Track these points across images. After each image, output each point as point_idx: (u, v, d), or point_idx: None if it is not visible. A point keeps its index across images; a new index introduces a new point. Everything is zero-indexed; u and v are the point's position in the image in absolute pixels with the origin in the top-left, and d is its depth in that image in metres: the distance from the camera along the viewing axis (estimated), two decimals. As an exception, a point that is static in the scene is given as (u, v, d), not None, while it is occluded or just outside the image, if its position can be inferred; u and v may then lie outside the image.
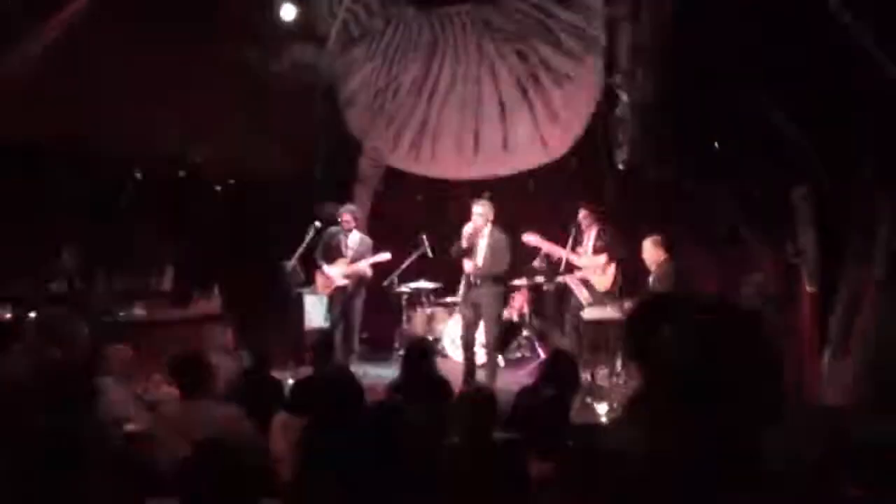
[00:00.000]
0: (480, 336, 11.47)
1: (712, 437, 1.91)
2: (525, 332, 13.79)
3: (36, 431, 3.21)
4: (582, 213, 12.21)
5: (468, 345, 11.36)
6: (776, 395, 1.90)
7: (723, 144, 9.36)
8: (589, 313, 11.53)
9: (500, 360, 12.30)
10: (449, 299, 13.57)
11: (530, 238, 11.85)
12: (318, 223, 12.26)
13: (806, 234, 8.43)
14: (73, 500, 2.91)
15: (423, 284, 13.72)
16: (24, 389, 6.04)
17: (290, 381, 8.40)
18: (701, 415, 1.92)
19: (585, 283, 11.99)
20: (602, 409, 8.90)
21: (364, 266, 11.98)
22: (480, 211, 11.09)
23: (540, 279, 13.23)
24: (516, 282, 13.24)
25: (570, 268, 12.23)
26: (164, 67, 11.51)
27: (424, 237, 13.31)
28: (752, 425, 1.87)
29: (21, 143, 9.99)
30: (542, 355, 12.85)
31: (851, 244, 7.49)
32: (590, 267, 11.96)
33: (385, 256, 12.19)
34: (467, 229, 11.11)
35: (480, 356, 11.60)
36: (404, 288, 13.78)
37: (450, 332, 13.21)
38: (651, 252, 10.83)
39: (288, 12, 13.13)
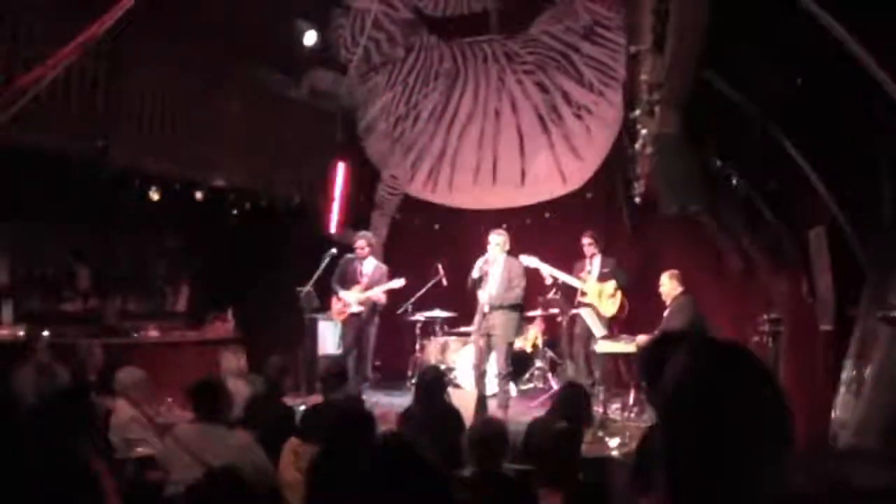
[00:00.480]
0: (493, 366, 11.47)
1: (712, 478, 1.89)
2: (538, 363, 13.77)
3: (41, 453, 3.19)
4: (586, 241, 12.26)
5: (480, 375, 11.35)
6: (780, 441, 1.88)
7: (740, 181, 9.36)
8: (602, 346, 11.53)
9: (513, 390, 12.28)
10: (463, 329, 13.55)
11: (528, 260, 11.84)
12: (333, 250, 12.29)
13: (821, 273, 8.40)
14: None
15: (438, 313, 13.69)
16: (31, 409, 6.07)
17: (302, 408, 8.39)
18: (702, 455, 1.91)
19: (595, 311, 12.01)
20: (614, 443, 8.88)
21: (378, 293, 11.96)
22: (497, 241, 11.09)
23: (554, 310, 13.23)
24: (531, 313, 13.23)
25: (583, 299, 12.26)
26: (185, 88, 11.61)
27: (440, 266, 13.30)
28: (754, 467, 1.86)
29: (41, 155, 10.01)
30: (555, 386, 12.83)
31: (867, 285, 7.46)
32: (595, 292, 11.99)
33: (399, 283, 12.16)
34: (480, 262, 11.12)
35: (492, 386, 11.60)
36: (419, 316, 13.75)
37: (463, 362, 13.18)
38: (668, 285, 10.83)
39: (310, 38, 13.19)
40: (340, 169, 13.98)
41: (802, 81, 6.93)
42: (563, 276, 12.19)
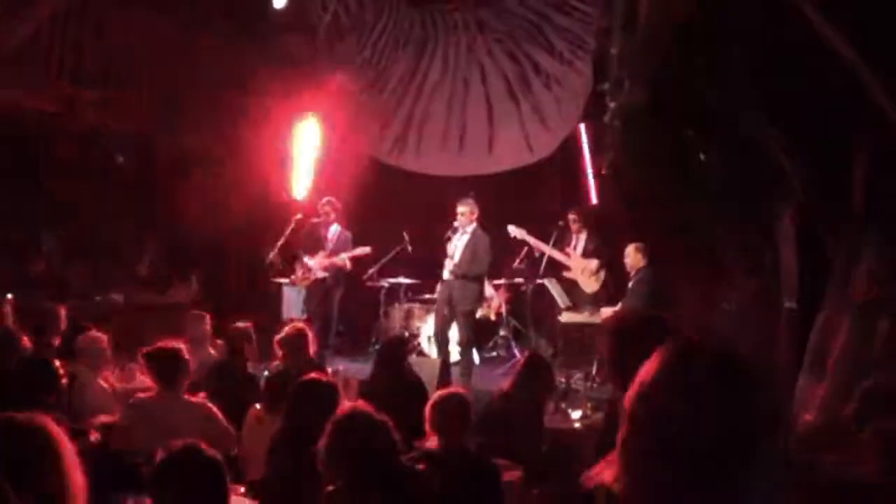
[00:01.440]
0: (455, 335, 11.52)
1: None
2: (502, 332, 13.81)
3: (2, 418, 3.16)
4: (571, 217, 12.35)
5: (443, 342, 11.40)
6: (774, 449, 1.86)
7: (707, 156, 9.38)
8: (566, 317, 11.58)
9: (476, 357, 12.32)
10: (427, 296, 13.57)
11: (516, 231, 11.88)
12: (298, 214, 12.25)
13: (786, 251, 8.46)
14: (41, 498, 2.88)
15: (402, 280, 13.67)
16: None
17: (266, 374, 8.38)
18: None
19: (573, 285, 12.08)
20: (576, 414, 8.93)
21: (343, 259, 11.93)
22: (464, 210, 11.10)
23: (519, 280, 13.26)
24: (495, 282, 13.26)
25: (554, 269, 12.32)
26: (151, 50, 11.49)
27: (405, 233, 13.27)
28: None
29: (4, 115, 9.89)
30: (518, 355, 12.87)
31: (833, 264, 7.52)
32: (579, 269, 12.06)
33: (365, 250, 12.13)
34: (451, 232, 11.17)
35: (456, 354, 11.64)
36: (383, 282, 13.74)
37: (427, 329, 13.20)
38: (632, 257, 10.89)
39: (279, 2, 13.06)
40: (305, 132, 13.85)
41: (776, 62, 6.95)
42: (548, 250, 12.22)
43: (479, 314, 12.34)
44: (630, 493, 1.89)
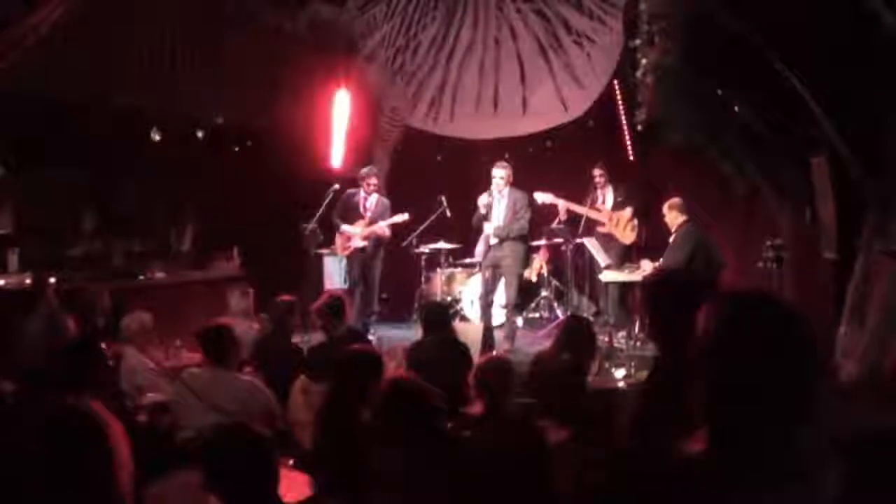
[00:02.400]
0: (501, 298, 11.54)
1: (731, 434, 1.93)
2: (544, 293, 13.83)
3: (49, 406, 3.23)
4: (597, 172, 12.42)
5: (487, 306, 11.43)
6: (809, 396, 1.92)
7: (743, 111, 9.32)
8: (606, 276, 11.58)
9: (519, 320, 12.35)
10: (468, 260, 13.61)
11: (543, 196, 11.87)
12: (336, 185, 12.28)
13: (824, 202, 8.41)
14: (87, 479, 2.94)
15: (442, 245, 13.68)
16: (40, 360, 6.12)
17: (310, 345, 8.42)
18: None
19: (610, 238, 12.11)
20: (620, 374, 8.93)
21: (383, 227, 11.96)
22: (501, 174, 11.10)
23: (559, 240, 13.25)
24: (535, 243, 13.26)
25: (590, 228, 12.32)
26: (182, 27, 11.51)
27: (443, 198, 13.27)
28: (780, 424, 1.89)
29: (43, 99, 9.94)
30: (560, 316, 12.90)
31: (870, 215, 7.47)
32: (613, 220, 12.08)
33: (403, 217, 12.14)
34: (484, 197, 11.14)
35: (498, 317, 11.67)
36: (423, 248, 13.77)
37: (468, 294, 13.24)
38: (669, 215, 10.81)
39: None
40: (341, 102, 13.84)
41: (809, 17, 6.88)
42: (580, 209, 12.23)
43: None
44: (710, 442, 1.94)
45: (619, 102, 13.65)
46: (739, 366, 1.91)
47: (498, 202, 11.15)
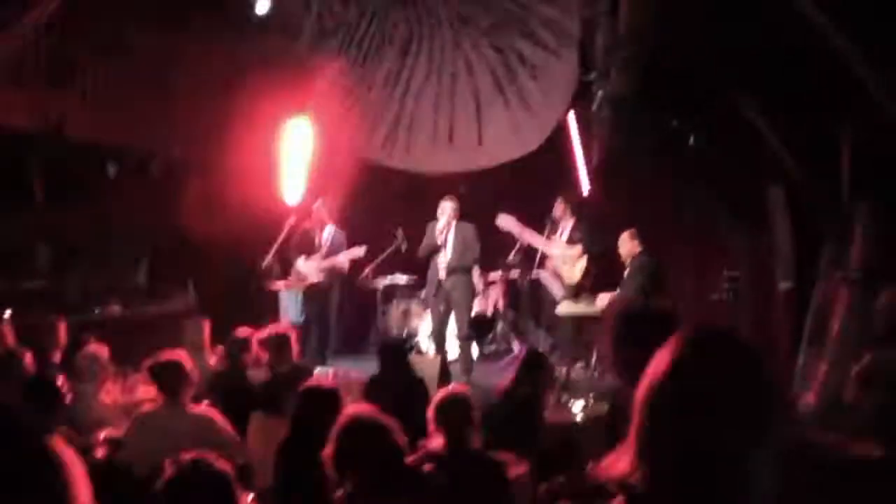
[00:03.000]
0: (453, 329, 11.55)
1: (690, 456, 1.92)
2: (500, 326, 13.82)
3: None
4: (558, 206, 12.37)
5: (441, 341, 11.45)
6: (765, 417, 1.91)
7: (698, 142, 9.40)
8: (563, 308, 11.59)
9: (475, 352, 12.33)
10: (423, 294, 13.60)
11: (505, 220, 11.87)
12: (292, 218, 12.24)
13: (781, 232, 8.49)
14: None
15: (399, 278, 13.65)
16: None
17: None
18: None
19: (556, 276, 12.10)
20: (577, 407, 8.95)
21: (339, 261, 11.94)
22: (448, 207, 11.16)
23: (515, 273, 13.26)
24: (491, 275, 13.27)
25: (544, 261, 12.33)
26: (136, 59, 11.45)
27: (400, 231, 13.26)
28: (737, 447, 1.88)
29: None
30: (517, 348, 12.90)
31: (827, 244, 7.54)
32: (560, 257, 12.05)
33: (360, 252, 12.13)
34: (436, 229, 11.19)
35: (454, 350, 11.66)
36: (380, 282, 13.72)
37: (425, 328, 13.22)
38: (627, 245, 10.85)
39: (262, 5, 12.98)
40: (296, 133, 13.77)
41: (763, 46, 6.96)
42: (532, 239, 12.22)
43: (475, 309, 12.37)
44: (649, 482, 1.92)
45: (574, 136, 13.70)
46: (699, 402, 1.90)
47: (448, 236, 11.21)
